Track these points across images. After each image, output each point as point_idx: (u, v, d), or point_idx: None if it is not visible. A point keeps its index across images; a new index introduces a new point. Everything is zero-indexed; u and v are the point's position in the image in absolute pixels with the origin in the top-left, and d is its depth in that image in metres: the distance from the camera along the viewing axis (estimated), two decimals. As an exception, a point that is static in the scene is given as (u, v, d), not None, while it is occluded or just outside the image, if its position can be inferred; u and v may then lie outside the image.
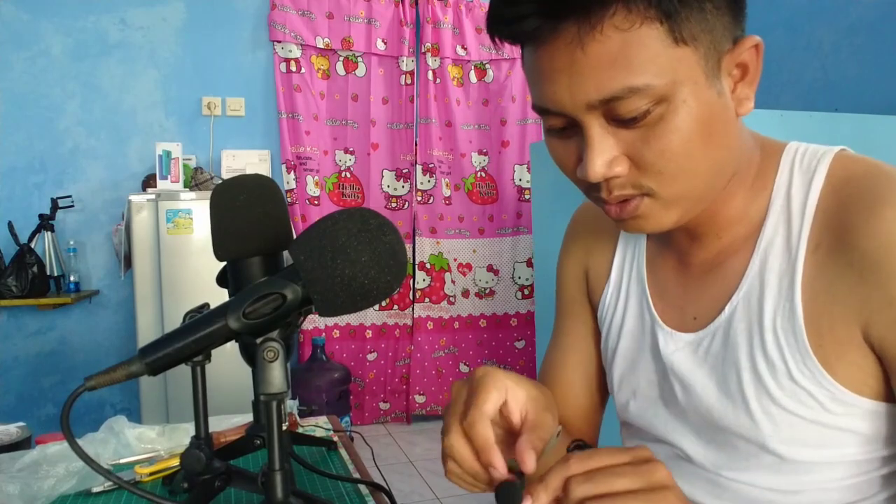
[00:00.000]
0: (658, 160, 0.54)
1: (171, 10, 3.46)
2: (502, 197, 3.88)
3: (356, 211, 0.60)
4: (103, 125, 3.39)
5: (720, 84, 0.55)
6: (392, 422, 3.82)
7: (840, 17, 3.45)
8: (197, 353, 0.61)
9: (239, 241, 0.64)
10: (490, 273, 3.90)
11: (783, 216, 0.60)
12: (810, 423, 0.57)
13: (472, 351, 3.91)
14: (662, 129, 0.53)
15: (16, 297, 3.06)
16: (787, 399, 0.58)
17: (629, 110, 0.52)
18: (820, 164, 0.60)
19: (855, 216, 0.55)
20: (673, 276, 0.69)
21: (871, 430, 0.57)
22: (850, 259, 0.54)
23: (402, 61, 3.67)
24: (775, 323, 0.58)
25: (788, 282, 0.58)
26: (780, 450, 0.59)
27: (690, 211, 0.59)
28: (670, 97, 0.52)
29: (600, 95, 0.52)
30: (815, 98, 3.55)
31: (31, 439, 1.26)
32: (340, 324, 3.73)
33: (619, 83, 0.51)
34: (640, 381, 0.71)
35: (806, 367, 0.56)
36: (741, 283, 0.61)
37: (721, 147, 0.56)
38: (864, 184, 0.56)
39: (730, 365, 0.61)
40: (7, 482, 0.88)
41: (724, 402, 0.62)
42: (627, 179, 0.56)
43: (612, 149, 0.54)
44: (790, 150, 0.62)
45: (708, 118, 0.54)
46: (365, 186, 3.70)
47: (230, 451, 0.92)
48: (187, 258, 2.89)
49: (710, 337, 0.63)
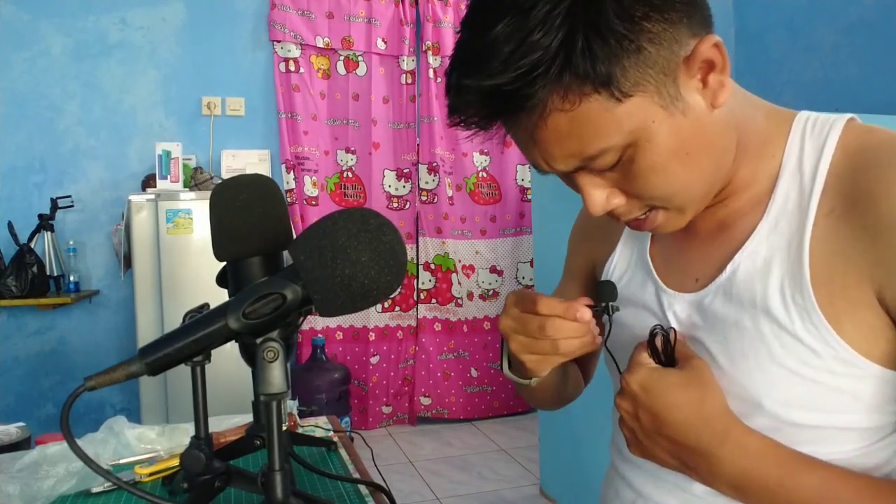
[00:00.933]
0: (646, 191, 0.58)
1: (171, 10, 3.46)
2: (505, 197, 3.87)
3: (356, 211, 0.60)
4: (103, 125, 3.40)
5: (683, 100, 0.55)
6: (395, 424, 3.79)
7: (840, 17, 3.45)
8: (197, 353, 0.60)
9: (239, 241, 0.64)
10: (493, 275, 3.88)
11: (795, 181, 0.60)
12: (809, 382, 0.57)
13: (479, 354, 3.87)
14: (638, 169, 0.56)
15: (16, 297, 3.06)
16: (789, 357, 0.57)
17: (601, 166, 0.56)
18: (832, 131, 0.60)
19: (872, 182, 0.55)
20: (677, 244, 0.70)
21: (874, 397, 0.57)
22: (864, 222, 0.55)
23: (403, 60, 3.66)
24: (782, 283, 0.58)
25: (797, 243, 0.58)
26: (777, 410, 0.58)
27: (704, 205, 0.62)
28: (633, 143, 0.55)
29: (567, 168, 0.57)
30: (815, 98, 3.54)
31: (30, 439, 1.26)
32: (343, 325, 3.70)
33: (578, 156, 0.55)
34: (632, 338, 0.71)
35: (812, 324, 0.56)
36: (747, 243, 0.62)
37: (704, 155, 0.58)
38: (881, 152, 0.57)
39: (731, 323, 0.61)
40: (7, 482, 0.88)
41: (722, 360, 0.61)
42: (631, 206, 0.60)
43: (604, 188, 0.59)
44: (801, 118, 0.63)
45: (678, 143, 0.55)
46: (367, 186, 3.68)
47: (230, 452, 0.92)
48: (187, 258, 2.89)
49: (712, 295, 0.63)
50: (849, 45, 3.40)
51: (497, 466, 3.17)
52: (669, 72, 0.53)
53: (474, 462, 3.23)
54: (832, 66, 3.50)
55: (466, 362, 3.86)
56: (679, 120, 0.55)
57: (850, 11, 3.39)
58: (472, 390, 3.85)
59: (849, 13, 3.40)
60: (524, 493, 2.87)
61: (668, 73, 0.53)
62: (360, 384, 3.73)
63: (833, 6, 3.48)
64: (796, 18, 3.70)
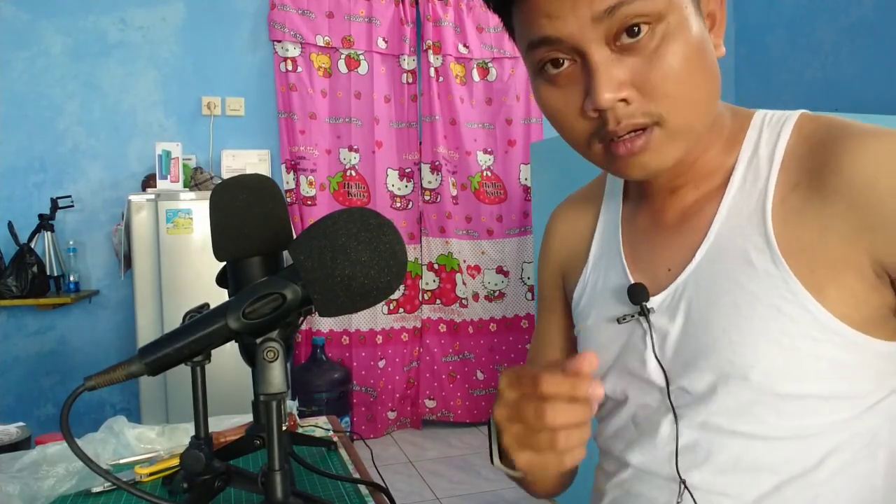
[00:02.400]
0: (664, 82, 0.56)
1: (170, 9, 3.46)
2: (510, 197, 3.80)
3: (356, 211, 0.60)
4: (103, 125, 3.39)
5: (702, 22, 0.59)
6: (400, 429, 3.70)
7: (840, 17, 3.45)
8: (197, 353, 0.60)
9: (239, 241, 0.64)
10: (500, 276, 3.80)
11: (752, 164, 0.63)
12: (791, 350, 0.57)
13: (485, 357, 3.80)
14: (664, 50, 0.55)
15: (16, 297, 3.05)
16: (769, 328, 0.58)
17: (635, 12, 0.53)
18: (787, 122, 0.64)
19: (831, 153, 0.58)
20: (645, 236, 0.70)
21: (856, 364, 0.58)
22: (834, 187, 0.57)
23: (404, 59, 3.65)
24: (750, 256, 0.60)
25: (759, 218, 0.61)
26: (762, 382, 0.58)
27: (691, 146, 0.61)
28: (668, 17, 0.55)
29: (605, 4, 0.53)
30: (815, 98, 3.55)
31: (30, 439, 1.26)
32: (350, 329, 3.61)
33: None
34: (612, 348, 0.70)
35: (790, 292, 0.57)
36: (711, 227, 0.63)
37: (713, 77, 0.59)
38: (834, 127, 0.60)
39: (709, 305, 0.62)
40: (7, 482, 0.88)
41: (705, 339, 0.61)
42: (636, 107, 0.57)
43: (619, 73, 0.56)
44: (759, 115, 0.66)
45: (701, 45, 0.57)
46: (370, 185, 3.63)
47: (230, 452, 0.92)
48: (187, 258, 2.89)
49: (683, 285, 0.64)
50: (849, 45, 3.40)
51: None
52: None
53: (475, 462, 3.23)
54: (832, 66, 3.50)
55: (472, 364, 3.79)
56: (702, 28, 0.58)
57: (850, 11, 3.39)
58: (479, 393, 3.78)
59: (849, 13, 3.40)
60: (524, 493, 2.87)
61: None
62: (369, 390, 3.61)
63: (833, 6, 3.48)
64: (796, 18, 3.70)
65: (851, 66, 3.40)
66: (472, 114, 3.75)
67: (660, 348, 0.65)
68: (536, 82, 0.61)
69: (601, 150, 0.60)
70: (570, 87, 0.58)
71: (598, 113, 0.57)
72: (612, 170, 0.62)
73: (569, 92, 0.59)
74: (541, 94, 0.61)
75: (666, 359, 0.65)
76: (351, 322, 3.60)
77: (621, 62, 0.55)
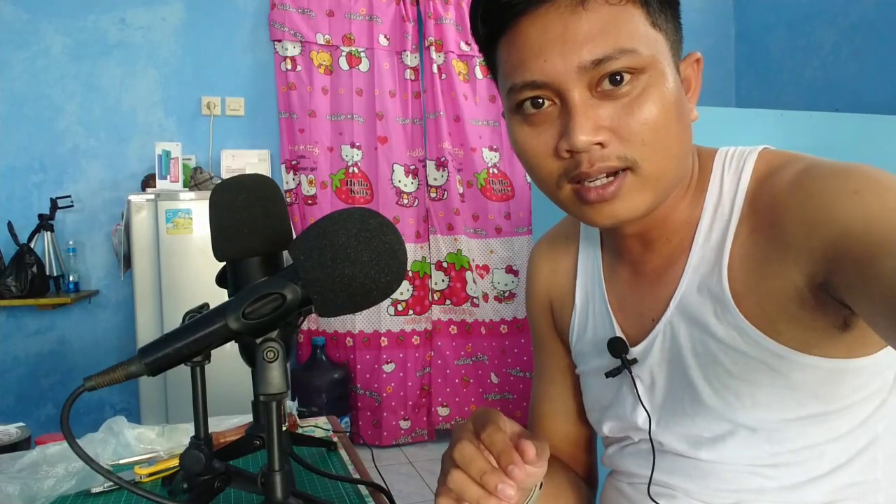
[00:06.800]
0: (641, 129, 0.57)
1: (170, 9, 3.46)
2: (518, 194, 3.69)
3: (356, 211, 0.60)
4: (103, 125, 3.39)
5: (680, 83, 0.61)
6: (414, 442, 3.52)
7: (840, 17, 3.45)
8: (196, 353, 0.60)
9: (238, 241, 0.64)
10: (510, 275, 3.66)
11: (717, 213, 0.65)
12: (767, 387, 0.60)
13: (497, 360, 3.64)
14: (645, 99, 0.57)
15: (15, 297, 3.05)
16: (742, 369, 0.61)
17: (620, 67, 0.56)
18: (746, 163, 0.65)
19: (779, 194, 0.60)
20: (629, 288, 0.72)
21: (820, 384, 0.60)
22: (781, 225, 0.58)
23: (406, 56, 3.62)
24: (714, 307, 0.62)
25: (718, 268, 0.63)
26: (748, 421, 0.62)
27: (661, 196, 0.61)
28: (651, 69, 0.57)
29: (592, 56, 0.55)
30: (815, 98, 3.54)
31: (30, 439, 1.26)
32: (353, 331, 3.51)
33: (611, 45, 0.55)
34: (606, 396, 0.75)
35: (750, 336, 0.60)
36: (682, 278, 0.65)
37: (687, 132, 0.61)
38: (784, 171, 0.61)
39: (688, 353, 0.65)
40: (7, 482, 0.88)
41: (695, 384, 0.65)
42: (612, 151, 0.57)
43: (598, 116, 0.57)
44: (721, 155, 0.67)
45: (678, 100, 0.59)
46: (374, 182, 3.56)
47: (230, 452, 0.92)
48: (187, 258, 2.89)
49: (661, 333, 0.67)
50: (849, 45, 3.40)
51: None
52: (675, 52, 0.61)
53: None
54: (832, 66, 3.50)
55: (486, 367, 3.63)
56: (679, 84, 0.60)
57: (850, 11, 3.39)
58: (493, 398, 3.62)
59: (849, 13, 3.40)
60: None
61: (676, 51, 0.61)
62: (373, 395, 3.50)
63: (833, 6, 3.48)
64: (796, 18, 3.70)
65: (851, 66, 3.40)
66: (477, 111, 3.70)
67: (649, 395, 0.69)
68: (512, 120, 0.62)
69: (570, 192, 0.60)
70: (545, 127, 0.59)
71: (571, 154, 0.57)
72: (581, 215, 0.62)
73: (544, 131, 0.59)
74: (515, 132, 0.62)
75: (656, 405, 0.69)
76: (355, 322, 3.52)
77: (601, 106, 0.57)
